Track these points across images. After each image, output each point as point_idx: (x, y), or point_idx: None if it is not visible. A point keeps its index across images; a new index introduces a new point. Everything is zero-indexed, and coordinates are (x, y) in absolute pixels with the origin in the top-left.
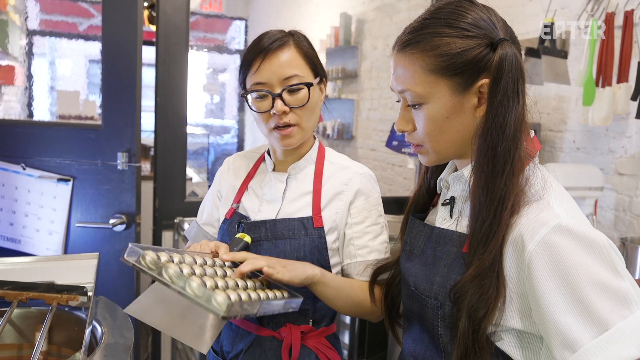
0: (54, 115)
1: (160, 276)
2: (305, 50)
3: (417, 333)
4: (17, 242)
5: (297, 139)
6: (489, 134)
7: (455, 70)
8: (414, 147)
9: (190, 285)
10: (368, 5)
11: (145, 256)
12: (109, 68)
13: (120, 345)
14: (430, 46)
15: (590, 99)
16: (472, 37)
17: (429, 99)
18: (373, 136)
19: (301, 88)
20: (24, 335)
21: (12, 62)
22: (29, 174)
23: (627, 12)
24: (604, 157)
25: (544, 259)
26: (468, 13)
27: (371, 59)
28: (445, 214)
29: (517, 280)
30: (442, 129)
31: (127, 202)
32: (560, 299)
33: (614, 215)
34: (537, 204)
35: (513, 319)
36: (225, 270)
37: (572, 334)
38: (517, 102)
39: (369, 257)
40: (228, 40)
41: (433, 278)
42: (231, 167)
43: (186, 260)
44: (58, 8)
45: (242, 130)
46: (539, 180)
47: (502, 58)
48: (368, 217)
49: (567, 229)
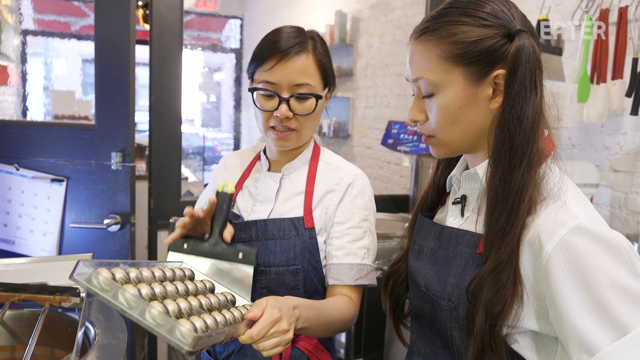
0: (48, 115)
1: (116, 299)
2: (320, 59)
3: (429, 334)
4: (11, 243)
5: (293, 142)
6: (505, 125)
7: (470, 58)
8: (425, 138)
9: (150, 312)
10: (363, 3)
11: (97, 275)
12: (103, 67)
13: (114, 347)
14: (446, 34)
15: (585, 96)
16: (489, 27)
17: (443, 87)
18: (369, 134)
19: (309, 98)
20: (17, 336)
21: (6, 62)
22: (22, 174)
23: (622, 8)
24: (599, 154)
25: (563, 261)
26: (487, 3)
27: (366, 57)
28: (456, 212)
29: (534, 280)
30: (455, 119)
31: (122, 202)
32: (578, 301)
33: (610, 212)
34: (554, 204)
35: (529, 320)
36: (186, 285)
37: (590, 337)
38: (535, 93)
39: (344, 259)
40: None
41: (446, 279)
42: (227, 166)
43: (144, 276)
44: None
45: (237, 129)
46: (555, 179)
47: (519, 48)
48: (351, 218)
49: (586, 229)
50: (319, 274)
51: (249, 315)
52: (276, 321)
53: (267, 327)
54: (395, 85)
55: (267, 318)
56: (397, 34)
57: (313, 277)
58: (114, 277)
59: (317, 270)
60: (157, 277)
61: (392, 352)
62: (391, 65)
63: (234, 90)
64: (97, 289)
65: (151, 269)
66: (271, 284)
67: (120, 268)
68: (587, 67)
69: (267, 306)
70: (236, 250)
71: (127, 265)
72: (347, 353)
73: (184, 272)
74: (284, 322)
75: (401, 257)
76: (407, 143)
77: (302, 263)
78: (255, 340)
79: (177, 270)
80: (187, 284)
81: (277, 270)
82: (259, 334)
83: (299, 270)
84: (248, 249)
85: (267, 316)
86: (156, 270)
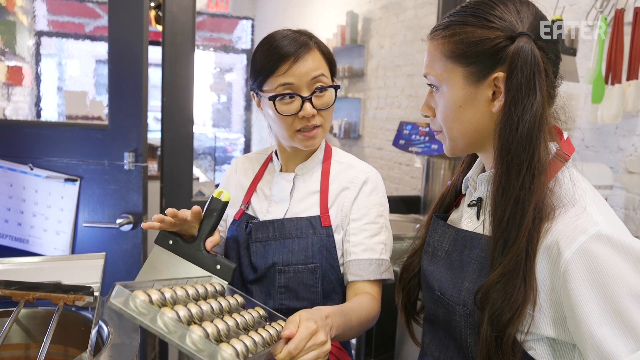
0: (62, 116)
1: (154, 324)
2: (324, 50)
3: (443, 339)
4: (25, 242)
5: (320, 139)
6: (506, 130)
7: (470, 58)
8: (436, 133)
9: (190, 337)
10: (375, 4)
11: (134, 298)
12: (116, 68)
13: (127, 346)
14: (451, 33)
15: (599, 97)
16: (492, 29)
17: (444, 84)
18: (380, 135)
19: (327, 90)
20: (31, 335)
21: (20, 62)
22: (36, 174)
23: (637, 8)
24: (614, 156)
25: (582, 268)
26: (498, 5)
27: (378, 57)
28: (472, 215)
29: (551, 287)
30: (455, 117)
31: (134, 201)
32: (597, 311)
33: (624, 214)
34: (573, 209)
35: (546, 327)
36: (220, 303)
37: (609, 347)
38: (534, 98)
39: (363, 255)
40: (235, 40)
41: (461, 284)
42: (239, 169)
43: (178, 295)
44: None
45: (248, 129)
46: (575, 184)
47: (516, 51)
48: (367, 214)
49: (607, 237)
50: (337, 271)
51: (285, 333)
52: (313, 333)
53: (304, 340)
54: (406, 86)
55: (303, 331)
56: (409, 34)
57: (331, 275)
58: (151, 299)
59: (335, 268)
60: (191, 296)
61: (403, 352)
62: (402, 66)
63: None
64: (135, 312)
65: (184, 287)
66: (290, 283)
67: (154, 289)
68: (601, 68)
69: (302, 320)
70: (215, 262)
71: (162, 285)
72: (358, 353)
73: (215, 287)
74: (320, 333)
75: (415, 252)
76: (418, 144)
77: (320, 261)
78: (294, 355)
79: (209, 285)
80: (220, 302)
81: (295, 269)
82: (297, 348)
83: (317, 268)
84: (227, 264)
85: (303, 329)
86: (189, 288)
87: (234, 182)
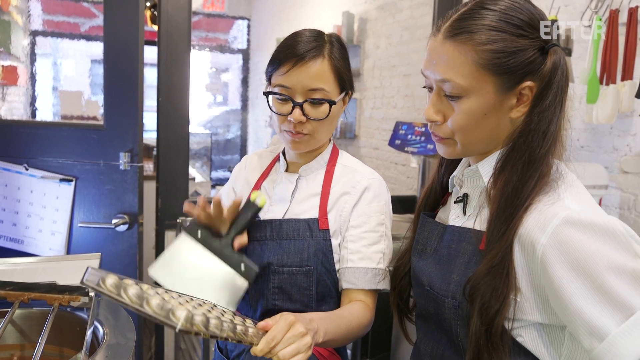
0: (57, 116)
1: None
2: (336, 64)
3: (435, 334)
4: (20, 243)
5: (306, 146)
6: (530, 136)
7: (505, 69)
8: (439, 139)
9: (149, 303)
10: (370, 4)
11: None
12: (111, 68)
13: (122, 346)
14: (485, 40)
15: (594, 97)
16: (526, 38)
17: (472, 93)
18: (376, 135)
19: (323, 103)
20: (26, 335)
21: (15, 62)
22: (31, 174)
23: (632, 9)
24: (609, 156)
25: (558, 252)
26: (523, 10)
27: (374, 57)
28: (458, 211)
29: (529, 272)
30: (477, 124)
31: (130, 202)
32: (580, 289)
33: (619, 214)
34: (547, 198)
35: (532, 313)
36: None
37: (598, 322)
38: (561, 109)
39: (359, 263)
40: (231, 40)
41: (449, 277)
42: (247, 165)
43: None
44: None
45: (244, 129)
46: (554, 175)
47: (555, 65)
48: (366, 222)
49: (577, 219)
50: (332, 276)
51: (261, 324)
52: (290, 325)
53: (282, 331)
54: (402, 86)
55: (280, 322)
56: (405, 35)
57: (326, 279)
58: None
59: (330, 272)
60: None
61: (399, 352)
62: (398, 66)
63: (241, 91)
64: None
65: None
66: (283, 284)
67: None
68: (596, 68)
69: (281, 315)
70: (241, 261)
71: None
72: (354, 354)
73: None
74: (299, 325)
75: (405, 252)
76: (414, 144)
77: (315, 264)
78: (271, 346)
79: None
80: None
81: (290, 271)
82: (274, 338)
83: (311, 271)
84: (252, 265)
85: (281, 321)
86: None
87: (241, 178)
